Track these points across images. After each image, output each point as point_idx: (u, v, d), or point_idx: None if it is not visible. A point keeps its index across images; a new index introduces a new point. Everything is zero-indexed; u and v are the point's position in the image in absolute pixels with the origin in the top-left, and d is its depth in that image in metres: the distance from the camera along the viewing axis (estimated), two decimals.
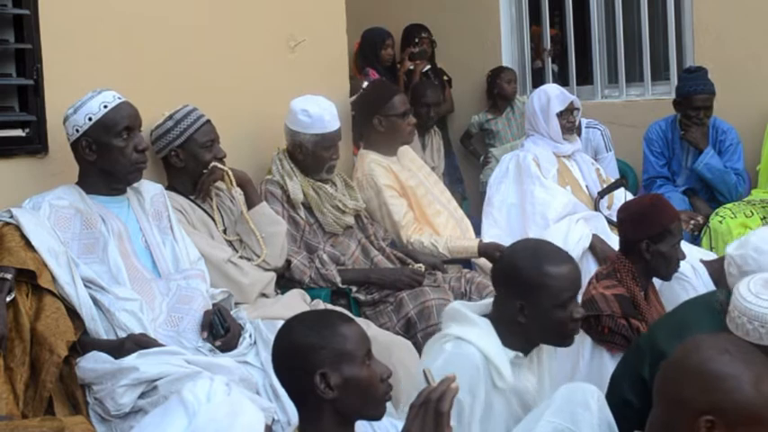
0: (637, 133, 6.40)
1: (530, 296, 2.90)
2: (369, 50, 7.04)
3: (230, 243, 3.98)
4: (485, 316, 3.01)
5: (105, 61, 3.88)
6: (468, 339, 2.89)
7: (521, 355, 2.98)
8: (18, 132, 3.70)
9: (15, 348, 3.06)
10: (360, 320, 3.35)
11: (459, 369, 2.58)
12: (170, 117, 3.93)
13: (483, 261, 4.73)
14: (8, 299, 3.11)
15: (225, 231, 4.00)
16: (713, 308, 3.13)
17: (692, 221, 5.37)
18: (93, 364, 3.13)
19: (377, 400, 2.45)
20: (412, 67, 7.10)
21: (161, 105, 3.95)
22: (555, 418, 2.80)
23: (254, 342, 3.44)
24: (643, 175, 6.24)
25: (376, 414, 2.49)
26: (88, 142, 3.49)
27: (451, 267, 4.70)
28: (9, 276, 3.13)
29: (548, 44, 7.74)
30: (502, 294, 3.01)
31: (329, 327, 2.42)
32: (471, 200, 7.07)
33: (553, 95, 5.25)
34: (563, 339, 3.00)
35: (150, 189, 3.73)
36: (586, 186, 5.26)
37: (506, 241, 4.74)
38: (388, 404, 2.56)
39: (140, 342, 3.20)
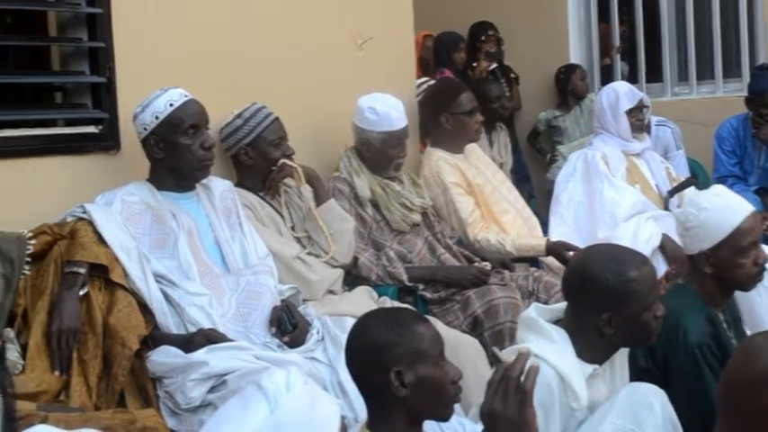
0: (707, 131, 6.30)
1: (616, 306, 2.81)
2: (442, 53, 7.06)
3: (298, 240, 4.00)
4: (558, 322, 2.96)
5: (176, 59, 3.92)
6: (544, 357, 2.77)
7: (598, 367, 2.90)
8: (91, 129, 3.77)
9: (88, 342, 3.11)
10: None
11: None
12: (239, 115, 3.96)
13: (550, 260, 4.69)
14: (81, 293, 3.17)
15: (293, 228, 4.02)
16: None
17: (767, 222, 5.26)
18: (163, 357, 3.17)
19: (447, 400, 2.45)
20: (491, 68, 7.09)
21: (230, 103, 3.98)
22: (618, 420, 2.76)
23: (322, 338, 3.45)
24: (714, 174, 6.14)
25: (445, 415, 2.48)
26: (156, 140, 3.54)
27: (519, 266, 4.66)
28: (82, 271, 3.18)
29: (617, 41, 7.66)
30: (580, 307, 2.90)
31: (406, 325, 2.42)
32: (538, 198, 7.02)
33: (622, 93, 5.19)
34: (648, 340, 2.94)
35: (219, 185, 3.76)
36: (656, 185, 5.19)
37: (574, 240, 4.71)
38: (456, 405, 2.55)
39: (210, 337, 3.24)
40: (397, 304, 3.90)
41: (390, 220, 4.35)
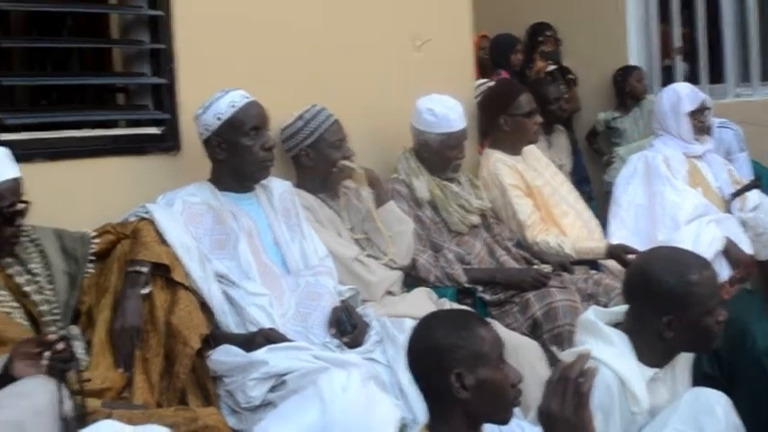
0: None
1: (677, 309, 2.77)
2: (498, 55, 7.04)
3: (357, 241, 4.00)
4: (617, 325, 2.93)
5: (236, 61, 3.95)
6: (604, 361, 2.75)
7: (658, 371, 2.86)
8: (152, 130, 3.81)
9: (151, 340, 3.15)
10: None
11: (593, 391, 2.51)
12: (300, 117, 3.98)
13: (611, 263, 4.64)
14: (144, 292, 3.21)
15: (352, 230, 4.03)
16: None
17: None
18: (224, 356, 3.20)
19: (507, 403, 2.44)
20: (549, 69, 7.05)
21: (290, 105, 4.00)
22: (680, 425, 2.73)
23: (381, 339, 3.45)
24: None
25: (504, 418, 2.47)
26: (218, 141, 3.58)
27: (578, 269, 4.62)
28: (145, 270, 3.22)
29: (678, 42, 7.57)
30: (641, 310, 2.87)
31: (468, 328, 2.42)
32: (597, 200, 6.95)
33: (684, 94, 5.12)
34: (709, 345, 2.89)
35: (279, 186, 3.78)
36: (718, 188, 5.12)
37: (634, 243, 4.66)
38: (516, 408, 2.54)
39: (270, 337, 3.26)
40: (455, 306, 3.89)
41: (449, 222, 4.33)
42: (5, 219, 3.00)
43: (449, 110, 4.34)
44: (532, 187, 4.74)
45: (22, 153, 3.22)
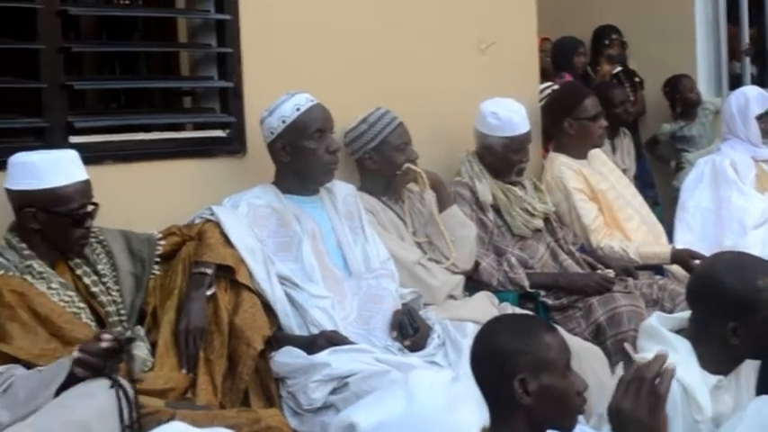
0: None
1: (743, 316, 2.70)
2: (561, 58, 6.99)
3: (419, 245, 4.00)
4: (681, 331, 2.89)
5: (301, 64, 3.98)
6: None
7: (723, 378, 2.80)
8: (219, 133, 3.86)
9: (214, 341, 3.19)
10: None
11: None
12: (364, 120, 3.99)
13: (676, 268, 4.59)
14: (209, 293, 3.24)
15: (415, 233, 4.03)
16: None
17: None
18: (287, 358, 3.22)
19: (571, 411, 2.41)
20: (615, 71, 6.99)
21: (355, 108, 4.02)
22: None
23: (443, 343, 3.45)
24: None
25: (568, 425, 2.44)
26: (282, 144, 3.60)
27: (643, 274, 4.57)
28: (209, 272, 3.26)
29: (746, 44, 7.45)
30: (706, 316, 2.81)
31: (533, 333, 2.40)
32: (663, 205, 6.87)
33: (752, 97, 5.06)
34: None
35: (342, 189, 3.80)
36: None
37: (700, 247, 4.61)
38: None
39: (332, 339, 3.28)
40: (518, 310, 3.88)
41: (512, 226, 4.32)
42: (75, 221, 3.05)
43: (512, 113, 4.33)
44: (597, 191, 4.71)
45: (92, 156, 3.29)
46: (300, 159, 3.59)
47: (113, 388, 2.63)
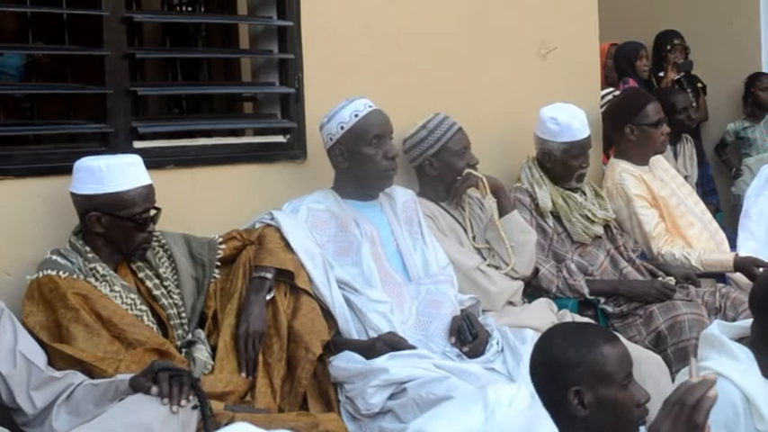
0: None
1: None
2: (623, 63, 6.94)
3: (479, 251, 3.99)
4: (742, 339, 2.85)
5: (362, 70, 4.00)
6: (728, 376, 2.68)
7: None
8: (279, 138, 3.89)
9: (273, 345, 3.21)
10: None
11: (717, 408, 2.44)
12: (423, 126, 3.99)
13: (738, 276, 4.53)
14: (268, 297, 3.27)
15: (474, 239, 4.02)
16: None
17: None
18: (345, 363, 3.23)
19: (630, 423, 2.38)
20: (676, 77, 6.92)
21: (415, 113, 4.02)
22: None
23: (502, 349, 3.44)
24: None
25: None
26: (341, 150, 3.62)
27: (705, 281, 4.52)
28: (269, 276, 3.28)
29: None
30: (764, 321, 2.80)
31: (589, 344, 2.37)
32: (725, 212, 6.78)
33: None
34: None
35: (402, 195, 3.81)
36: None
37: (764, 255, 4.53)
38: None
39: (391, 342, 3.28)
40: (577, 317, 3.86)
41: (572, 232, 4.29)
42: (138, 225, 3.10)
43: (572, 118, 4.30)
44: (658, 198, 4.66)
45: (154, 160, 3.33)
46: (358, 165, 3.61)
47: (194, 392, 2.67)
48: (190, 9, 5.27)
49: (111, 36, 3.43)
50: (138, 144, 3.49)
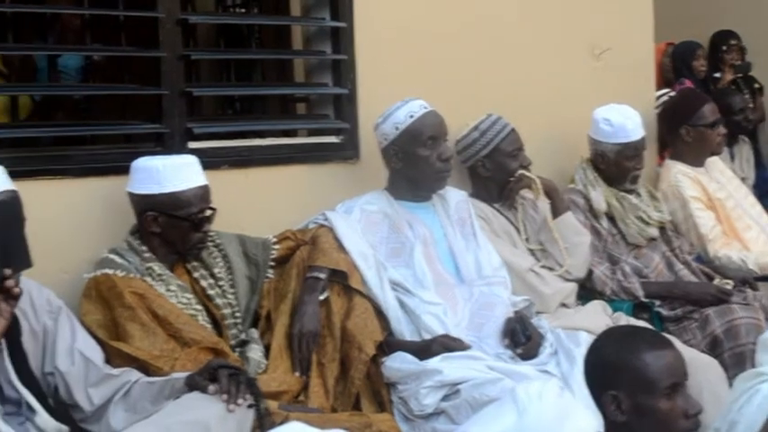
0: None
1: None
2: (680, 64, 6.87)
3: (532, 252, 3.97)
4: None
5: (415, 71, 4.00)
6: None
7: None
8: (333, 139, 3.90)
9: (327, 345, 3.22)
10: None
11: None
12: (475, 128, 3.98)
13: None
14: (322, 297, 3.28)
15: (527, 240, 4.00)
16: None
17: None
18: (398, 364, 3.23)
19: None
20: (733, 78, 6.85)
21: (467, 114, 4.01)
22: None
23: (555, 352, 3.42)
24: None
25: None
26: (395, 150, 3.61)
27: (762, 285, 4.45)
28: (323, 276, 3.30)
29: None
30: None
31: (633, 350, 2.34)
32: None
33: None
34: None
35: (455, 196, 3.80)
36: None
37: None
38: None
39: (447, 345, 3.27)
40: (631, 320, 3.82)
41: (626, 234, 4.25)
42: (193, 225, 3.13)
43: (626, 119, 4.27)
44: (714, 200, 4.61)
45: (208, 161, 3.35)
46: (413, 166, 3.60)
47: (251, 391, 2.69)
48: (243, 10, 5.31)
49: (166, 38, 3.47)
50: (192, 144, 3.52)
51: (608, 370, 2.33)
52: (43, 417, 2.68)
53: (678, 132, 4.73)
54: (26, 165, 3.14)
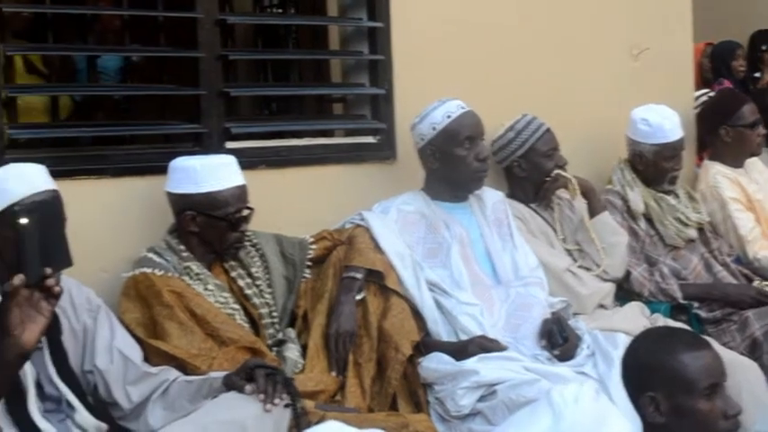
0: None
1: None
2: (719, 64, 6.82)
3: (569, 252, 3.96)
4: None
5: (451, 72, 3.99)
6: None
7: None
8: (369, 139, 3.91)
9: (364, 345, 3.22)
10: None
11: None
12: (510, 128, 3.97)
13: None
14: (358, 297, 3.28)
15: (564, 240, 3.98)
16: None
17: None
18: (435, 364, 3.23)
19: None
20: None
21: (504, 115, 4.00)
22: None
23: (593, 353, 3.39)
24: None
25: None
26: (432, 150, 3.61)
27: None
28: (359, 276, 3.30)
29: None
30: None
31: (671, 351, 2.32)
32: None
33: None
34: None
35: (492, 196, 3.79)
36: None
37: None
38: None
39: (484, 346, 3.26)
40: (669, 322, 3.80)
41: (664, 235, 4.23)
42: (231, 224, 3.14)
43: (664, 120, 4.24)
44: (754, 201, 4.57)
45: (246, 161, 3.36)
46: (450, 166, 3.60)
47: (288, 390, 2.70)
48: (280, 11, 5.33)
49: (204, 38, 3.49)
50: (230, 144, 3.53)
51: (645, 371, 2.32)
52: (83, 414, 2.71)
53: (717, 133, 4.69)
54: (66, 164, 3.17)
